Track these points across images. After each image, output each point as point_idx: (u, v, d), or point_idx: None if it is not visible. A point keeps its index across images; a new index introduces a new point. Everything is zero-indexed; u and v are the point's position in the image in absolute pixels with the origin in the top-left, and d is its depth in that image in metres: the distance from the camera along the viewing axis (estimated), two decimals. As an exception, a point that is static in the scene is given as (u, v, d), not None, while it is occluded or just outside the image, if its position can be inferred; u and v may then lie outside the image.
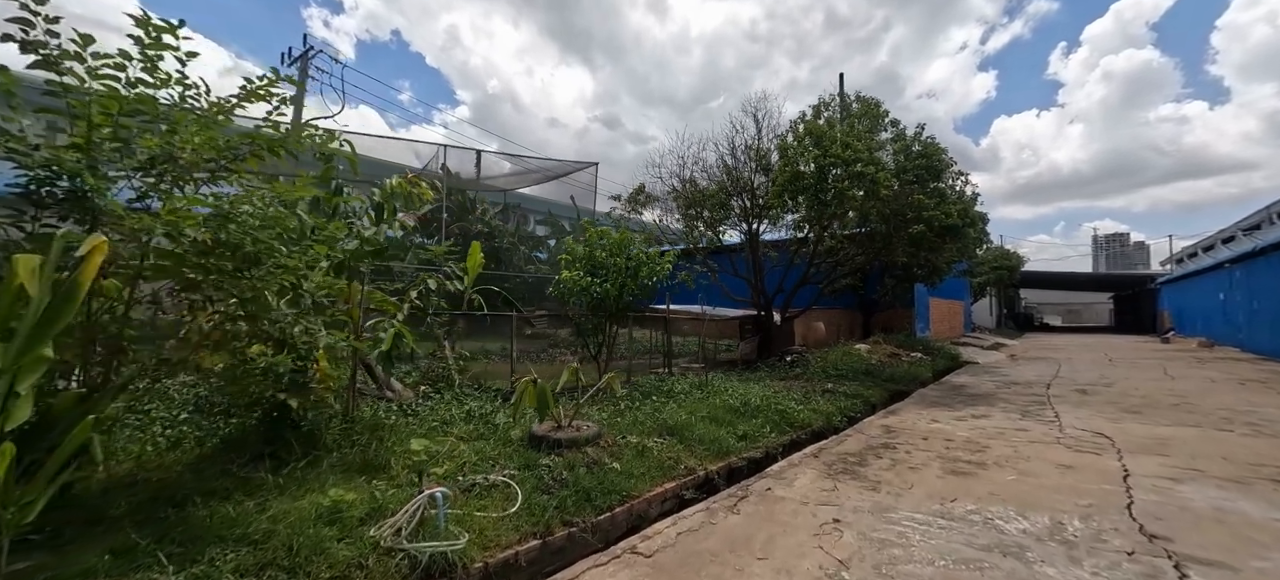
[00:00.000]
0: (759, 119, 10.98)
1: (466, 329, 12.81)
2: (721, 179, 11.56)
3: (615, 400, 6.70)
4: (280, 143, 3.58)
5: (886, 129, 10.67)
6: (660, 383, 8.30)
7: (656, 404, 6.67)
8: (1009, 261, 31.66)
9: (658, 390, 7.64)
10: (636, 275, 7.59)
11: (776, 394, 7.94)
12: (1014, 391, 10.05)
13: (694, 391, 7.63)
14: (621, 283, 7.43)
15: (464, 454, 4.42)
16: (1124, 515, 3.86)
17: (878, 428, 6.96)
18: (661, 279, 7.78)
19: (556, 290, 7.51)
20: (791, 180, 9.26)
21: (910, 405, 8.78)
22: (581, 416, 5.85)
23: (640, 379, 8.71)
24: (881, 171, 9.17)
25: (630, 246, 7.76)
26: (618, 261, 7.45)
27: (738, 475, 5.21)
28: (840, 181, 9.09)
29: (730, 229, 12.71)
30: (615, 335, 7.89)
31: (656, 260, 7.63)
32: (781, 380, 10.19)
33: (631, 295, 7.65)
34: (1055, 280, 46.97)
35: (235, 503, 3.25)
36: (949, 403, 8.90)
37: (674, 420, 5.86)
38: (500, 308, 8.99)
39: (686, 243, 12.68)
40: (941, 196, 10.01)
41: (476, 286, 7.78)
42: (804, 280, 11.98)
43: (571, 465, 4.35)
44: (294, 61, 21.71)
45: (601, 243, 7.65)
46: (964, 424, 7.13)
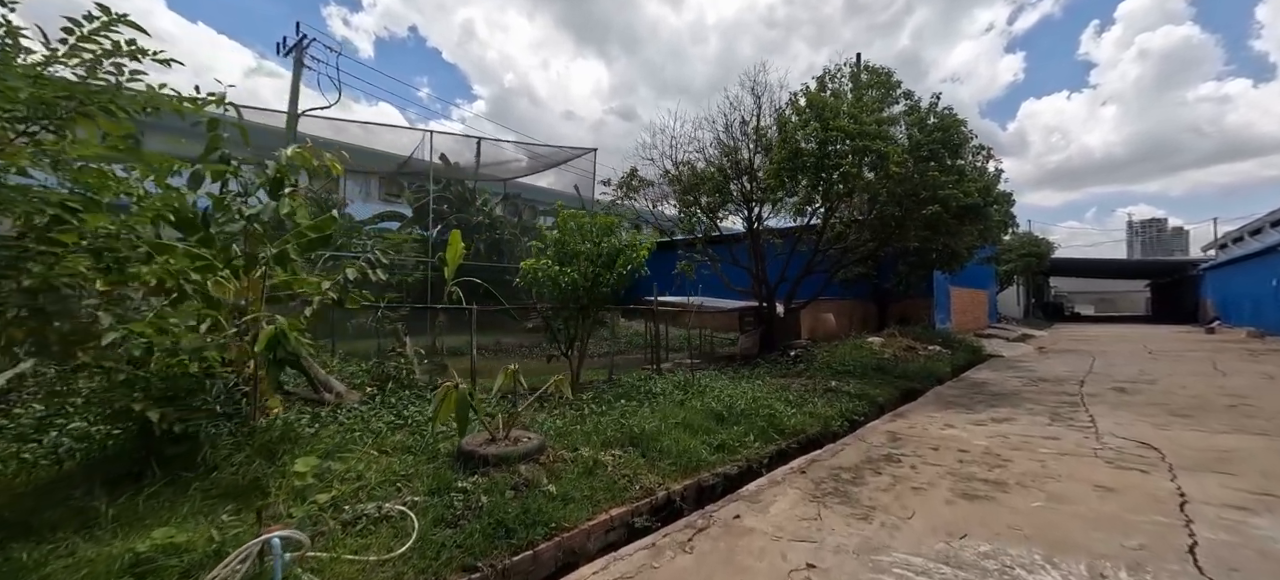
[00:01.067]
0: (758, 94, 10.07)
1: (449, 323, 12.23)
2: (719, 161, 10.69)
3: (579, 405, 5.97)
4: (110, 99, 2.89)
5: (899, 101, 9.66)
6: (643, 381, 7.55)
7: (628, 408, 5.92)
8: (1038, 248, 29.98)
9: (636, 391, 6.90)
10: (612, 264, 6.84)
11: (770, 394, 7.13)
12: (1042, 390, 9.04)
13: (675, 392, 6.87)
14: (594, 272, 6.68)
15: (369, 474, 3.74)
16: (1186, 563, 2.99)
17: (882, 434, 6.10)
18: (638, 267, 7.00)
19: (522, 280, 6.80)
20: (790, 158, 8.35)
21: (923, 406, 7.88)
22: (533, 425, 5.13)
23: (624, 377, 7.97)
24: (891, 146, 8.21)
25: (610, 232, 7.00)
26: (588, 248, 6.71)
27: (708, 496, 4.44)
28: (845, 158, 8.16)
29: (730, 216, 11.83)
30: (589, 330, 7.15)
31: (634, 246, 6.86)
32: (781, 378, 9.35)
33: (607, 286, 6.90)
34: (1088, 267, 44.79)
35: (42, 544, 2.61)
36: (967, 403, 7.97)
37: (642, 428, 5.11)
38: (483, 300, 8.33)
39: (683, 231, 11.86)
40: (960, 174, 9.01)
41: (479, 278, 7.15)
42: (809, 268, 11.07)
43: (496, 488, 3.63)
44: (289, 51, 21.32)
45: (577, 228, 6.90)
46: (983, 430, 6.23)
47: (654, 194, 11.65)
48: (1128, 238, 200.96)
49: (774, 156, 8.73)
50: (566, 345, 6.89)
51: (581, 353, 7.04)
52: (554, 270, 6.55)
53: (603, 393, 6.88)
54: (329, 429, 4.63)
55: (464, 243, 6.55)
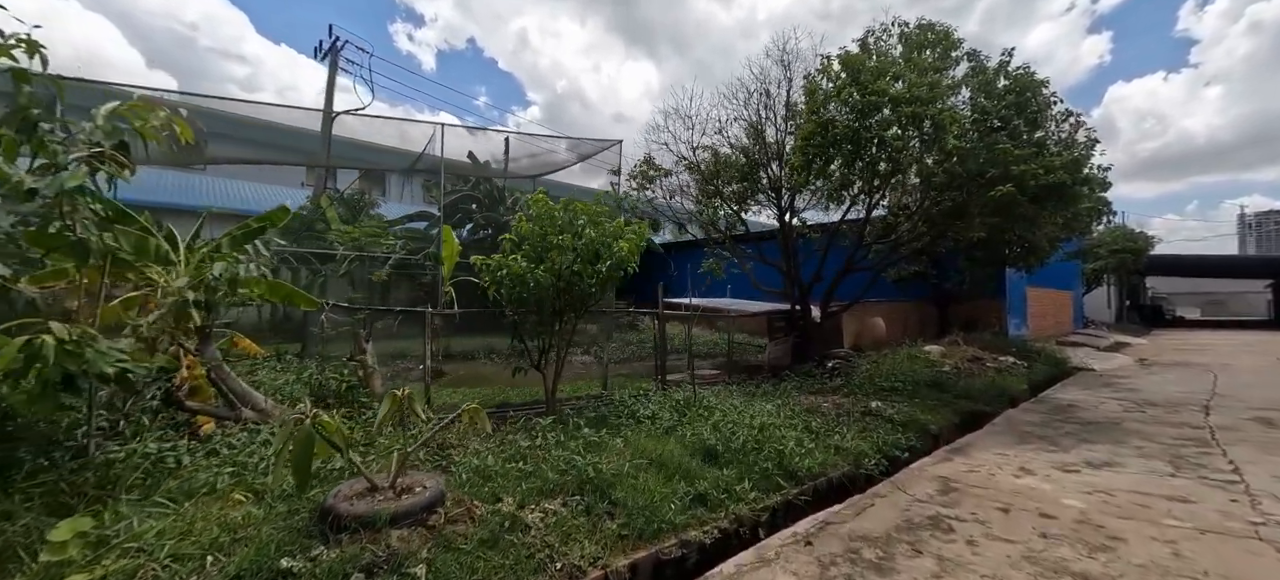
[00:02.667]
0: (789, 64, 8.61)
1: (454, 325, 11.49)
2: (745, 145, 9.30)
3: (537, 432, 4.86)
4: None
5: (959, 63, 7.94)
6: (636, 399, 6.36)
7: (596, 437, 4.76)
8: (1134, 243, 26.18)
9: (620, 412, 5.72)
10: (596, 259, 5.70)
11: (787, 420, 5.76)
12: (1153, 419, 7.11)
13: (668, 414, 5.64)
14: (570, 270, 5.56)
15: (187, 538, 2.77)
16: None
17: (931, 482, 4.63)
18: (624, 264, 5.83)
19: (484, 280, 5.77)
20: (819, 132, 6.89)
21: (990, 438, 6.23)
22: (460, 462, 4.07)
23: (617, 393, 6.81)
24: (948, 112, 6.59)
25: (598, 222, 5.88)
26: (562, 240, 5.60)
27: (667, 573, 3.22)
28: (888, 129, 6.62)
29: (758, 207, 10.42)
30: (567, 339, 6.04)
31: (619, 235, 5.69)
32: (813, 394, 7.89)
33: (590, 286, 5.76)
34: (1195, 265, 39.36)
35: None
36: (1050, 436, 6.25)
37: (600, 468, 3.95)
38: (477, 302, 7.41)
39: (705, 226, 10.56)
40: (1040, 148, 7.24)
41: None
42: (849, 266, 9.48)
43: (335, 573, 2.57)
44: (325, 55, 21.60)
45: (555, 217, 5.82)
46: (1074, 481, 4.62)
47: (671, 184, 10.40)
48: (1239, 232, 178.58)
49: (800, 132, 7.29)
50: (537, 357, 5.80)
51: (557, 365, 5.93)
52: (520, 267, 5.47)
53: (579, 413, 5.75)
54: (196, 462, 3.73)
55: (497, 241, 5.65)
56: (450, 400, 6.74)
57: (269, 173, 25.26)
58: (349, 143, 25.27)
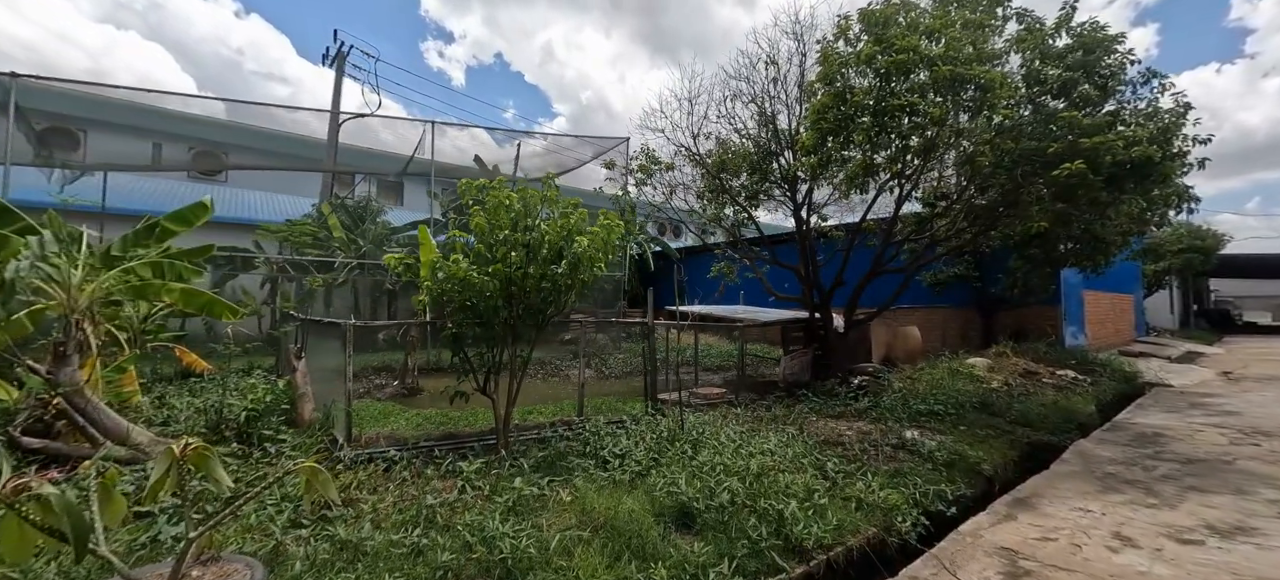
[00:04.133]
0: (801, 35, 7.39)
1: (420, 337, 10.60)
2: (752, 132, 8.10)
3: (465, 478, 3.77)
4: None
5: (1007, 23, 6.58)
6: (610, 430, 5.23)
7: (538, 488, 3.65)
8: (1203, 241, 23.66)
9: (584, 448, 4.61)
10: (559, 260, 4.64)
11: (794, 459, 4.55)
12: (1274, 456, 5.58)
13: (643, 452, 4.49)
14: (522, 273, 4.50)
15: None
16: None
17: (991, 557, 3.35)
18: (590, 265, 4.75)
19: (424, 288, 4.75)
20: (834, 103, 5.67)
21: (1063, 482, 4.86)
22: (343, 515, 3.01)
23: (592, 421, 5.70)
24: (994, 72, 5.30)
25: (565, 216, 4.82)
26: (512, 236, 4.55)
27: None
28: (923, 98, 5.36)
29: (773, 204, 9.19)
30: (525, 356, 4.96)
31: (577, 230, 4.61)
32: (833, 418, 6.63)
33: (546, 292, 4.70)
34: (1266, 265, 35.89)
35: None
36: (1144, 481, 4.84)
37: (521, 545, 2.84)
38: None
39: (701, 225, 9.40)
40: (1114, 118, 5.85)
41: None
42: (877, 268, 8.15)
43: None
44: (332, 60, 21.29)
45: (510, 207, 4.78)
46: (1200, 560, 3.27)
47: (672, 179, 9.27)
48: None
49: (813, 106, 6.07)
50: (483, 378, 4.73)
51: (512, 388, 4.85)
52: (461, 268, 4.43)
53: (539, 446, 4.65)
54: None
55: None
56: (389, 427, 5.74)
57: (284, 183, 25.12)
58: (362, 151, 25.00)
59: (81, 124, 22.86)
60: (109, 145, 21.78)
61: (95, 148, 21.84)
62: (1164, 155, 5.39)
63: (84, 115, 22.53)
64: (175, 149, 24.47)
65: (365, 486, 3.73)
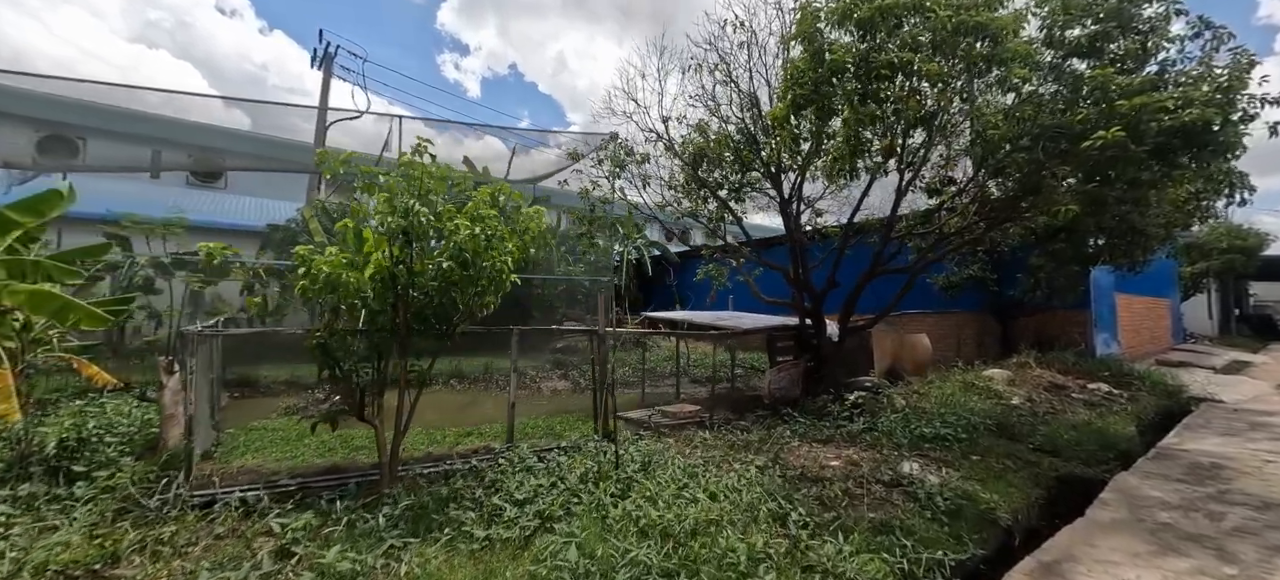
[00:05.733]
0: (783, 2, 6.38)
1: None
2: (734, 115, 7.10)
3: (286, 540, 2.85)
4: None
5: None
6: (529, 465, 4.28)
7: (371, 560, 2.70)
8: (1244, 241, 21.92)
9: (481, 492, 3.66)
10: (462, 259, 3.73)
11: (749, 507, 3.53)
12: (1373, 495, 4.41)
13: (550, 497, 3.52)
14: (408, 272, 3.60)
15: None
16: None
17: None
18: (498, 270, 3.84)
19: (304, 290, 3.87)
20: (810, 67, 4.67)
21: (1105, 536, 3.76)
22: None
23: (519, 447, 4.74)
24: (1006, 19, 4.27)
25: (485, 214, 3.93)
26: (394, 223, 3.64)
27: None
28: (918, 55, 4.35)
29: (761, 197, 8.19)
30: (421, 374, 4.04)
31: (486, 221, 3.70)
32: (820, 444, 5.60)
33: (441, 297, 3.79)
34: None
35: None
36: (1211, 536, 3.72)
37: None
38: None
39: (675, 220, 8.43)
40: (1158, 81, 4.77)
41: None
42: (876, 268, 7.09)
43: None
44: (320, 61, 20.81)
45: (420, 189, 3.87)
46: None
47: (647, 172, 8.32)
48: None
49: (786, 70, 5.08)
50: (359, 400, 3.80)
51: (404, 413, 3.92)
52: (337, 264, 3.53)
53: (419, 489, 3.70)
54: None
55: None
56: (273, 456, 4.81)
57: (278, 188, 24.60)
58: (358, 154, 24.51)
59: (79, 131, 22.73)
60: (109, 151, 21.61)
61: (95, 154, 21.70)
62: (1225, 119, 4.30)
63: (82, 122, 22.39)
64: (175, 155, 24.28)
65: (169, 544, 2.83)
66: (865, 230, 8.05)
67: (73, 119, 21.44)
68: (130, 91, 20.05)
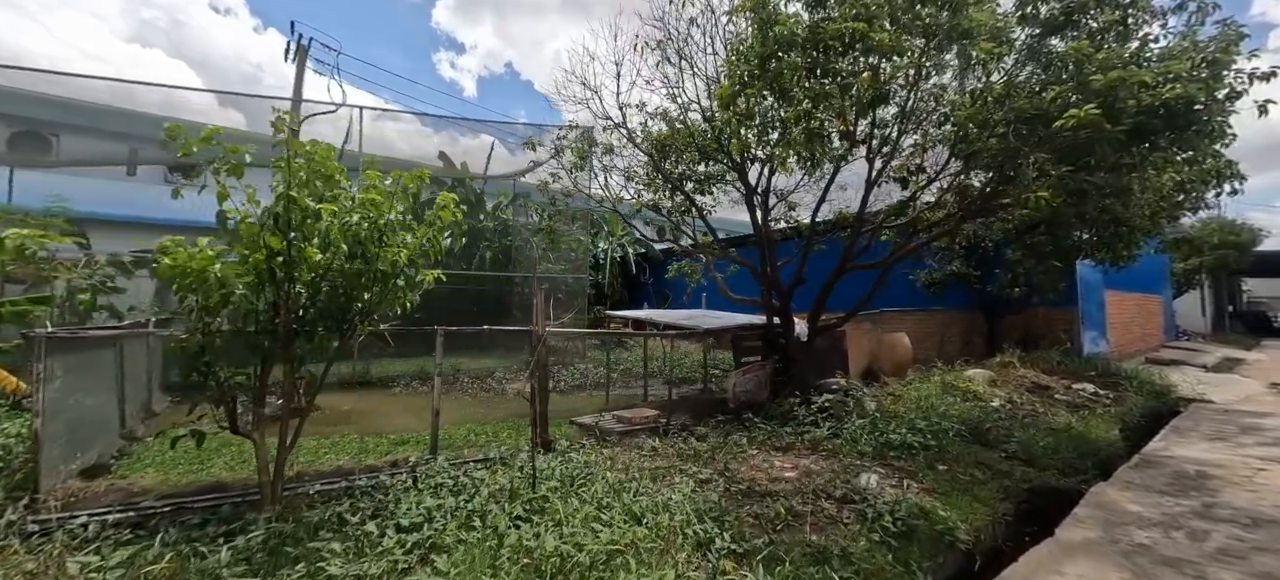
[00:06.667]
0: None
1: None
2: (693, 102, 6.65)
3: None
4: None
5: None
6: (447, 480, 3.86)
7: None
8: (1237, 236, 21.60)
9: (367, 515, 3.23)
10: (363, 256, 3.30)
11: (665, 532, 3.12)
12: (1372, 508, 4.01)
13: (441, 520, 3.10)
14: (282, 262, 3.17)
15: None
16: None
17: None
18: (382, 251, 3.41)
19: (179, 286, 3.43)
20: (758, 40, 4.24)
21: (1074, 562, 3.34)
22: None
23: (438, 461, 4.31)
24: None
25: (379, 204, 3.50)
26: (269, 209, 3.20)
27: None
28: (868, 23, 3.93)
29: (727, 187, 7.77)
30: (310, 381, 3.62)
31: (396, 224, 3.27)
32: (778, 452, 5.20)
33: (330, 298, 3.36)
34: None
35: None
36: (1193, 561, 3.32)
37: None
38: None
39: (630, 212, 8.02)
40: (1138, 56, 4.38)
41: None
42: (846, 264, 6.69)
43: None
44: (293, 55, 20.31)
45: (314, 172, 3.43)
46: None
47: (610, 163, 7.89)
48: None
49: (732, 47, 4.65)
50: (232, 410, 3.36)
51: (291, 425, 3.49)
52: (205, 259, 3.10)
53: (302, 510, 3.26)
54: None
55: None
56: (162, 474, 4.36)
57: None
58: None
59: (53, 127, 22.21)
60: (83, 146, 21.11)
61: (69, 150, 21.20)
62: (1210, 95, 3.89)
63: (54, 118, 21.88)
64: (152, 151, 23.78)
65: None
66: (841, 225, 7.64)
67: (45, 115, 20.91)
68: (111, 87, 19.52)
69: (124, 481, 4.03)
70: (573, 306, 16.71)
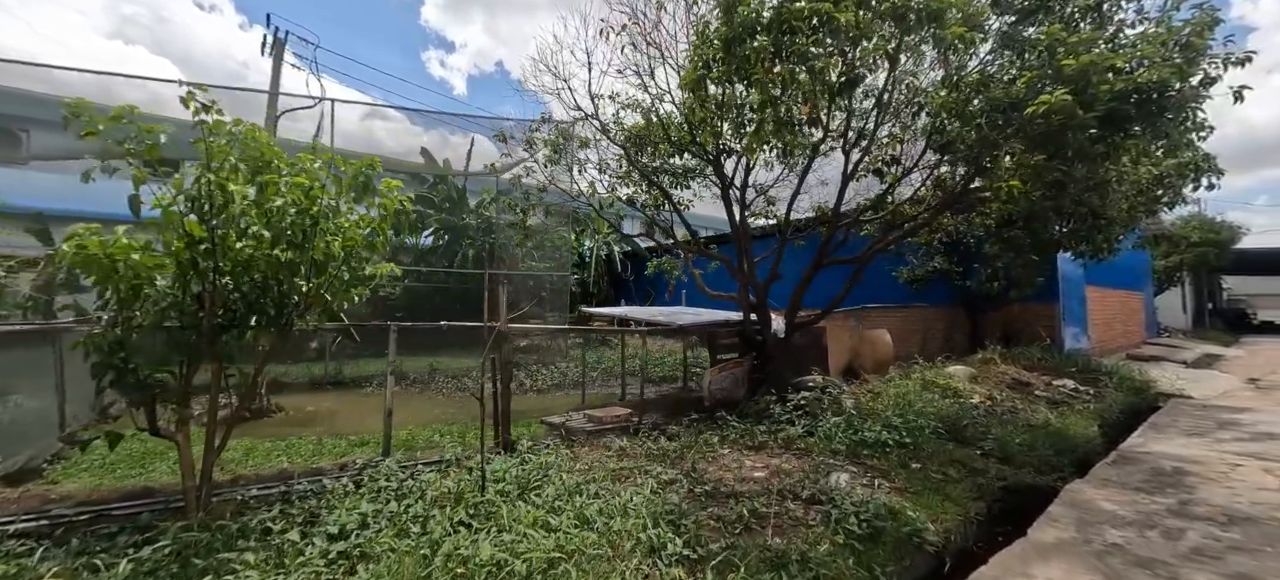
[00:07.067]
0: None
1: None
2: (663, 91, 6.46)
3: None
4: None
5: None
6: (391, 483, 3.65)
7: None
8: (1217, 234, 21.82)
9: (302, 519, 3.02)
10: (299, 244, 3.08)
11: (614, 537, 2.94)
12: (1349, 504, 3.92)
13: (374, 529, 2.90)
14: (205, 250, 2.95)
15: None
16: None
17: None
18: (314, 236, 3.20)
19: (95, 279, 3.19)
20: (723, 23, 4.08)
21: (1045, 565, 3.21)
22: None
23: (387, 464, 4.10)
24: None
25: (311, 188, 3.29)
26: (187, 192, 2.98)
27: None
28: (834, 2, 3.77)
29: (705, 181, 7.62)
30: (237, 387, 3.39)
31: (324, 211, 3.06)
32: (750, 451, 5.05)
33: (258, 291, 3.14)
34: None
35: None
36: (1167, 562, 3.20)
37: None
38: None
39: (595, 207, 7.84)
40: (1113, 39, 4.26)
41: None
42: (822, 258, 6.55)
43: None
44: (270, 50, 19.87)
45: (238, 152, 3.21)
46: None
47: (585, 156, 7.70)
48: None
49: (696, 30, 4.48)
50: (150, 411, 3.13)
51: (218, 427, 3.27)
52: (120, 246, 2.87)
53: (229, 517, 3.04)
54: None
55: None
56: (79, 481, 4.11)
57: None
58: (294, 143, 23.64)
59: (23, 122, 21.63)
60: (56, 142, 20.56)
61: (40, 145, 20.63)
62: (1183, 80, 3.78)
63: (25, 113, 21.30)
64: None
65: None
66: (821, 221, 7.51)
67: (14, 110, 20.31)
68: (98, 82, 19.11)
69: (48, 487, 3.78)
70: (556, 304, 16.49)
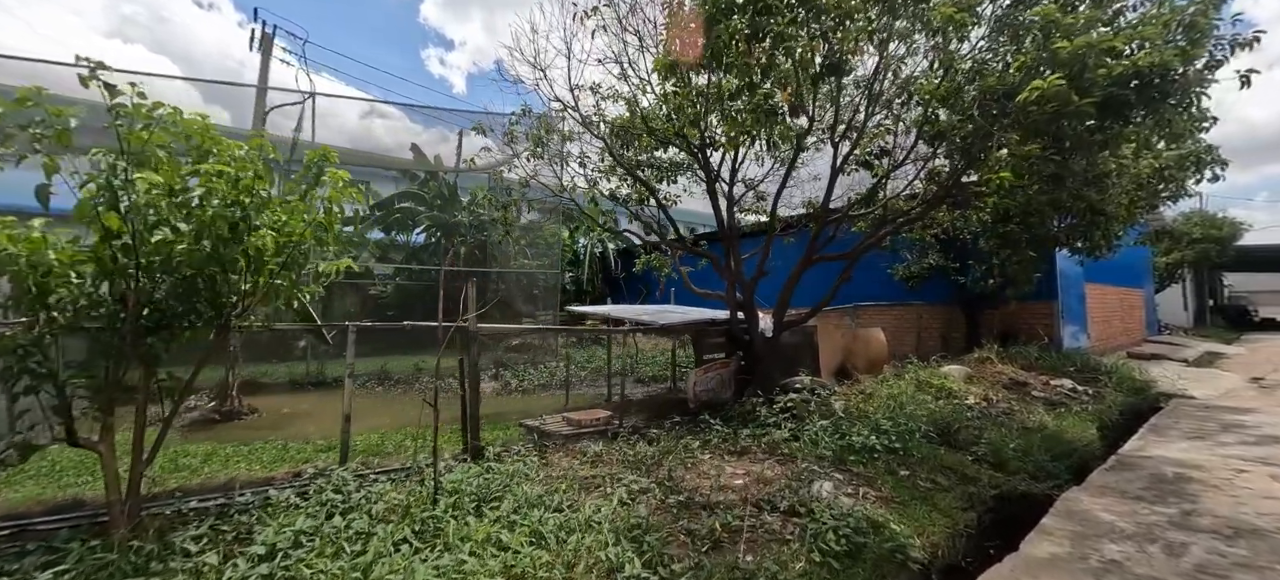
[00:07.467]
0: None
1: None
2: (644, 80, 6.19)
3: None
4: None
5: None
6: (337, 495, 3.42)
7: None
8: (1219, 229, 21.56)
9: (241, 534, 2.79)
10: (232, 234, 2.84)
11: (570, 556, 2.71)
12: (1362, 515, 3.69)
13: (310, 548, 2.66)
14: (124, 249, 2.71)
15: None
16: None
17: None
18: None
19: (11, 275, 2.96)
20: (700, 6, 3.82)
21: (1040, 578, 2.98)
22: None
23: (340, 474, 3.87)
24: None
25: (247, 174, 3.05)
26: (97, 185, 2.74)
27: None
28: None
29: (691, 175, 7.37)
30: (167, 393, 3.16)
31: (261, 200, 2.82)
32: (732, 456, 4.82)
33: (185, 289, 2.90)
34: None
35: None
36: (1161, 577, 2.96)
37: None
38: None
39: (570, 202, 7.58)
40: (1112, 23, 4.02)
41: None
42: (811, 255, 6.31)
43: None
44: (259, 45, 19.59)
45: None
46: None
47: (568, 151, 7.45)
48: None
49: (670, 13, 4.24)
50: (66, 416, 2.90)
51: (142, 436, 3.03)
52: (34, 240, 2.64)
53: (162, 531, 2.81)
54: None
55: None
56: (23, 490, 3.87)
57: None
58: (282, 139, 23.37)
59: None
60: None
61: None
62: (1187, 63, 3.53)
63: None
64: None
65: None
66: (811, 217, 7.27)
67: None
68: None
69: (25, 494, 3.56)
70: (547, 302, 16.26)
